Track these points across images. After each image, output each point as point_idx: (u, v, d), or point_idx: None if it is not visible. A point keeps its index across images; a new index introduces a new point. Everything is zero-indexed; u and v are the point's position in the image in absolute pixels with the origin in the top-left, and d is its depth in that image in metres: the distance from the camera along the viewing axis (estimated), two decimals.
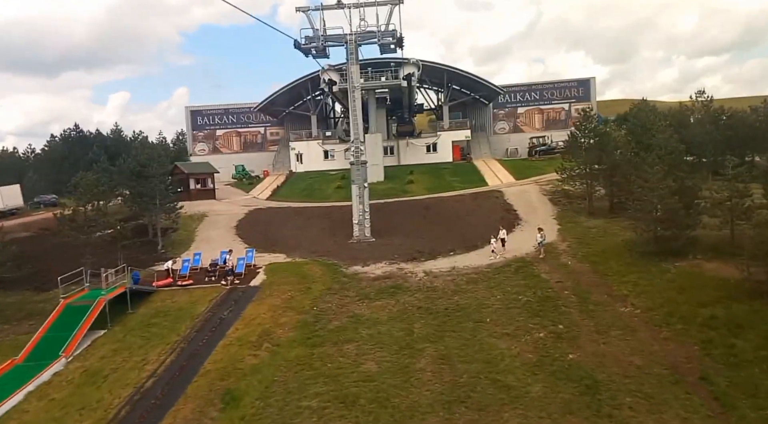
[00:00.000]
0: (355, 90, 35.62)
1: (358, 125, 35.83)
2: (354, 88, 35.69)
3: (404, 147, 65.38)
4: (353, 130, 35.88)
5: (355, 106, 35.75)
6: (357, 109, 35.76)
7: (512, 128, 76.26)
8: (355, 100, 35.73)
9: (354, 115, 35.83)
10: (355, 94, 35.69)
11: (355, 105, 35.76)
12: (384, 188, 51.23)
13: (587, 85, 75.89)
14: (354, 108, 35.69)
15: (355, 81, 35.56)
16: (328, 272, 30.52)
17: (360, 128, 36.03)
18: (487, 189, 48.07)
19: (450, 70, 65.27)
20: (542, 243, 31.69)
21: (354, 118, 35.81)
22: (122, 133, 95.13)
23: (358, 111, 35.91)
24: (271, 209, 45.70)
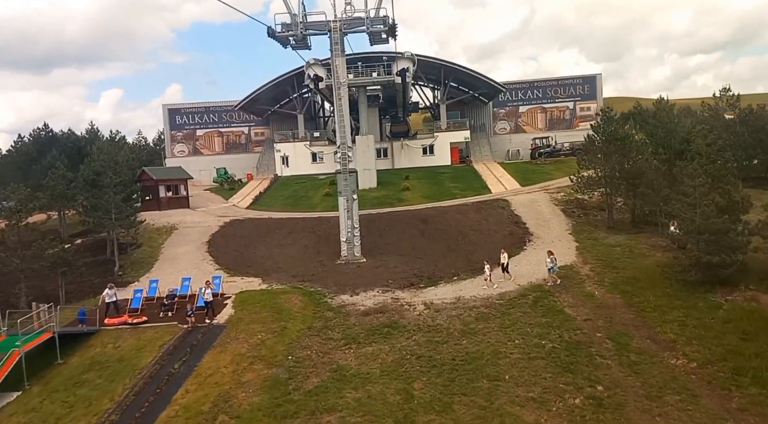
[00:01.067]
0: (342, 87, 30.64)
1: (345, 127, 30.83)
2: (340, 85, 30.71)
3: (398, 149, 60.44)
4: (339, 133, 30.90)
5: (342, 106, 30.77)
6: (344, 108, 30.78)
7: (513, 128, 71.48)
8: (342, 99, 30.75)
9: (340, 116, 30.84)
10: (341, 92, 30.71)
11: (342, 104, 30.78)
12: (377, 196, 46.29)
13: (593, 82, 71.20)
14: (340, 107, 30.72)
15: (341, 76, 30.58)
16: (310, 303, 25.55)
17: (347, 131, 31.05)
18: (491, 197, 43.17)
19: (447, 66, 60.33)
20: (554, 269, 26.77)
21: (340, 119, 30.83)
22: (98, 133, 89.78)
23: (345, 111, 30.91)
24: (250, 221, 40.62)
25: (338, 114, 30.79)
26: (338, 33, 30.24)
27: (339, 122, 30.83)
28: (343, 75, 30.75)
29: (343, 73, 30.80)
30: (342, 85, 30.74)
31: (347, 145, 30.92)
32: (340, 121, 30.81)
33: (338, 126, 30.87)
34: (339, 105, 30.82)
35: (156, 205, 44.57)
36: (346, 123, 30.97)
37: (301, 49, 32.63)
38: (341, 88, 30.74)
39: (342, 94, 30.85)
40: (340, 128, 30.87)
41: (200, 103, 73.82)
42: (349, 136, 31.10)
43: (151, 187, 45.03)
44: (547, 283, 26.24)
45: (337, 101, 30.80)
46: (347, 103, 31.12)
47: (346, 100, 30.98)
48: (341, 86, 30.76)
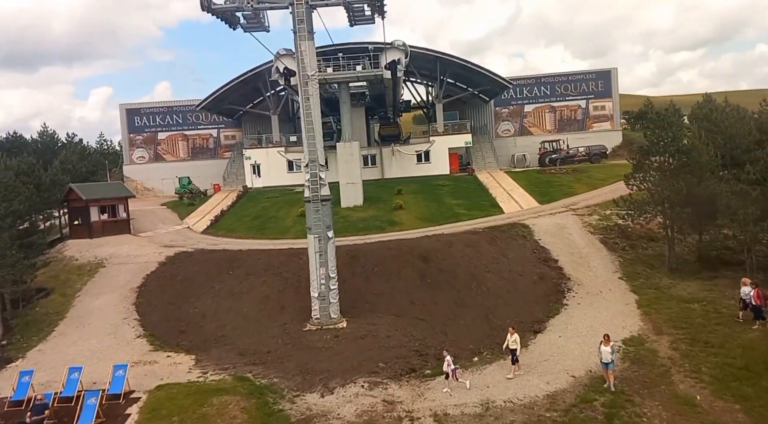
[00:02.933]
0: (310, 81, 21.67)
1: (316, 136, 21.86)
2: (308, 79, 21.73)
3: (389, 156, 51.54)
4: (308, 144, 21.91)
5: (311, 108, 21.79)
6: (313, 111, 21.80)
7: (518, 130, 62.91)
8: (310, 98, 21.78)
9: (309, 122, 21.85)
10: (309, 89, 21.74)
11: (311, 106, 21.80)
12: (363, 217, 37.42)
13: (608, 77, 62.77)
14: (309, 110, 21.75)
15: (308, 67, 21.61)
16: (257, 415, 16.57)
17: (319, 142, 22.06)
18: (506, 221, 34.39)
19: (444, 58, 51.44)
20: (613, 364, 17.45)
21: (309, 125, 21.85)
22: (56, 136, 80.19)
23: (316, 115, 21.92)
24: (201, 255, 31.56)
25: (305, 119, 21.82)
26: (303, 7, 21.33)
27: (307, 130, 21.86)
28: (312, 65, 21.78)
29: (311, 62, 21.82)
30: (311, 80, 21.79)
31: (319, 161, 21.97)
32: (308, 128, 21.84)
33: (306, 135, 21.89)
34: (307, 107, 21.86)
35: (86, 232, 35.42)
36: (317, 130, 22.01)
37: (255, 30, 23.62)
38: (310, 83, 21.77)
39: (311, 91, 21.88)
40: (309, 138, 21.91)
41: (162, 103, 64.55)
42: (321, 150, 22.12)
43: (80, 209, 35.78)
44: (607, 383, 17.24)
45: (305, 102, 21.85)
46: (318, 104, 22.17)
47: (316, 100, 22.03)
48: (310, 81, 21.79)
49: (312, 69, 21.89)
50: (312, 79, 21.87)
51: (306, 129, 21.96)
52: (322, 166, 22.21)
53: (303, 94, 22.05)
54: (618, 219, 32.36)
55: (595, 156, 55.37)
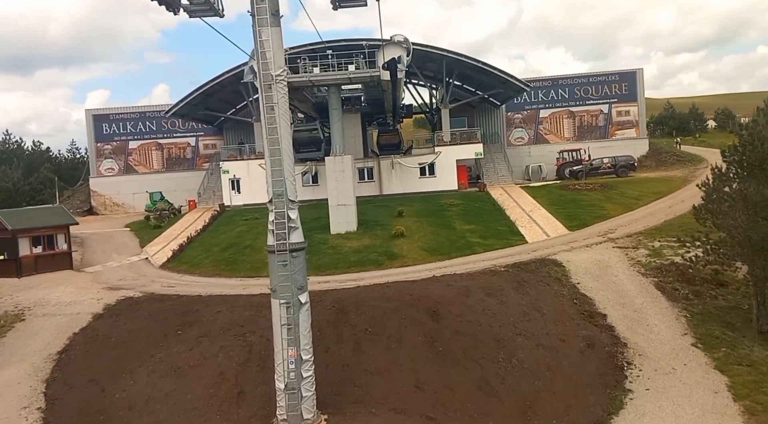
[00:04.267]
0: (275, 84, 15.00)
1: (283, 163, 15.12)
2: (272, 81, 15.06)
3: (388, 169, 44.91)
4: (272, 173, 15.15)
5: (276, 121, 15.11)
6: (279, 126, 15.06)
7: (533, 138, 56.36)
8: (276, 107, 15.08)
9: (272, 141, 15.11)
10: (273, 95, 15.05)
11: (277, 117, 15.12)
12: (356, 249, 30.79)
13: (632, 79, 56.29)
14: (273, 125, 15.07)
15: (272, 64, 14.89)
16: None
17: (287, 169, 15.28)
18: (533, 255, 27.77)
19: (451, 57, 44.84)
20: None
21: (272, 146, 15.12)
22: (22, 144, 73.81)
23: (283, 131, 15.18)
24: (150, 303, 24.87)
25: (268, 136, 15.14)
26: None
27: (270, 153, 15.17)
28: (278, 62, 15.11)
29: (277, 57, 15.14)
30: (276, 82, 15.13)
31: (287, 195, 15.27)
32: (272, 149, 15.15)
33: (269, 159, 15.16)
34: (270, 120, 15.20)
35: (14, 270, 28.73)
36: (284, 153, 15.29)
37: (204, 14, 16.86)
38: (274, 86, 15.12)
39: (276, 98, 15.22)
40: (273, 163, 15.20)
41: (133, 108, 57.87)
42: (291, 180, 15.40)
43: (5, 242, 29.02)
44: None
45: (267, 113, 15.20)
46: (286, 115, 15.45)
47: (284, 110, 15.34)
48: (274, 84, 15.14)
49: (278, 67, 15.26)
50: (278, 82, 15.22)
51: (269, 151, 15.28)
52: (293, 202, 15.49)
53: (264, 103, 15.36)
54: (673, 255, 25.86)
55: (621, 168, 48.84)
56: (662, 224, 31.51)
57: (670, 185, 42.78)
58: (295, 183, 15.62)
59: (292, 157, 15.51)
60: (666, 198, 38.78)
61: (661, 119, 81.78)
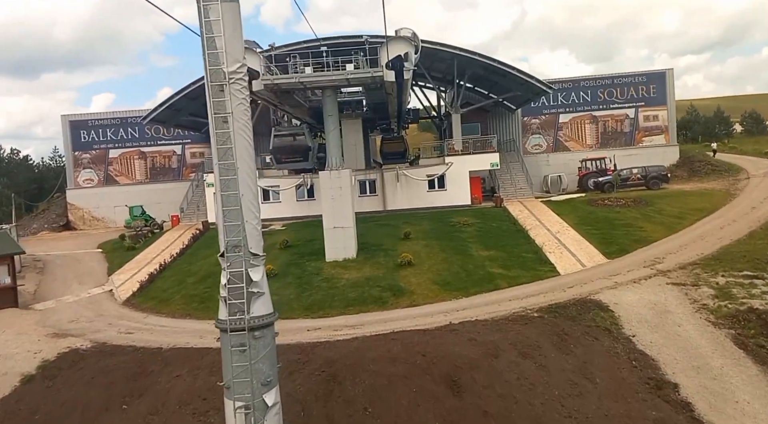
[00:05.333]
0: (229, 86, 10.06)
1: (243, 197, 10.20)
2: (226, 80, 10.05)
3: (392, 181, 40.00)
4: (223, 215, 10.21)
5: (232, 136, 10.16)
6: (235, 145, 10.14)
7: (552, 145, 51.35)
8: (232, 118, 10.16)
9: (225, 168, 10.16)
10: (228, 101, 10.10)
11: (233, 133, 10.20)
12: (355, 282, 25.81)
13: (662, 80, 51.29)
14: (227, 145, 10.16)
15: (225, 55, 9.94)
16: None
17: (250, 203, 10.33)
18: (570, 294, 22.77)
19: (463, 56, 39.89)
20: None
21: (225, 174, 10.18)
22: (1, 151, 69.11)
23: (241, 151, 10.20)
24: (98, 358, 19.96)
25: (219, 161, 10.14)
26: None
27: (222, 184, 10.20)
28: (235, 53, 10.11)
29: (233, 47, 10.13)
30: (230, 83, 10.15)
31: (248, 247, 10.24)
32: (224, 180, 10.19)
33: (220, 194, 10.15)
34: (223, 137, 10.22)
35: None
36: (244, 184, 10.35)
37: None
38: (228, 88, 10.16)
39: (232, 105, 10.24)
40: (227, 198, 10.22)
41: (114, 114, 53.07)
42: (254, 219, 10.40)
43: None
44: None
45: (217, 126, 10.22)
46: (247, 131, 10.42)
47: (244, 124, 10.38)
48: (228, 85, 10.16)
49: (233, 61, 10.27)
50: (233, 82, 10.25)
51: (221, 182, 10.34)
52: (256, 256, 10.54)
53: (213, 112, 10.38)
54: (746, 296, 20.87)
55: (653, 180, 43.81)
56: (719, 252, 26.47)
57: (713, 201, 37.72)
58: (259, 227, 10.66)
59: (255, 188, 10.52)
60: (712, 217, 33.75)
61: (683, 123, 76.60)
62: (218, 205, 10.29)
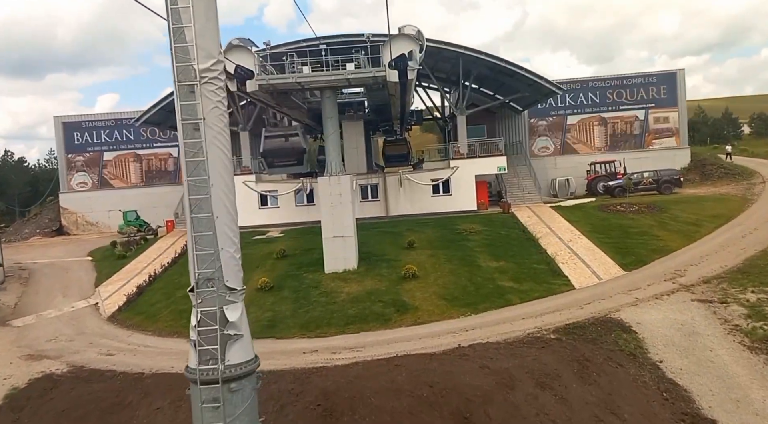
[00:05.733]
0: (202, 86, 8.28)
1: (218, 224, 8.51)
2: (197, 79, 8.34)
3: (395, 186, 38.35)
4: (194, 240, 8.60)
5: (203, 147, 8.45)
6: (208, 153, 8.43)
7: (560, 148, 49.60)
8: (203, 125, 8.44)
9: (196, 186, 8.48)
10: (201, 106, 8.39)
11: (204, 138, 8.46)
12: (355, 296, 24.14)
13: (672, 81, 49.53)
14: (197, 157, 8.44)
15: (196, 49, 8.22)
16: None
17: (226, 231, 8.67)
18: (587, 311, 21.09)
19: (469, 56, 38.20)
20: None
21: (195, 191, 8.50)
22: None
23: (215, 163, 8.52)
24: (75, 381, 18.35)
25: (189, 178, 8.47)
26: None
27: (192, 204, 8.56)
28: (208, 47, 8.44)
29: (206, 38, 8.45)
30: (202, 83, 8.48)
31: (224, 281, 8.59)
32: (195, 199, 8.55)
33: (191, 216, 8.52)
34: (193, 149, 8.54)
35: None
36: (219, 204, 8.70)
37: None
38: (200, 88, 8.47)
39: (204, 111, 8.56)
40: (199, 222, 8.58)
41: (108, 115, 51.46)
42: (231, 246, 8.78)
43: None
44: None
45: (186, 134, 8.55)
46: (224, 139, 8.78)
47: (219, 132, 8.74)
48: (200, 85, 8.48)
49: (206, 56, 8.55)
50: (206, 82, 8.53)
51: (190, 203, 8.66)
52: (234, 291, 8.85)
53: (182, 117, 8.70)
54: None
55: (665, 184, 42.10)
56: (745, 265, 24.78)
57: (729, 206, 36.03)
58: (238, 256, 8.98)
59: (233, 209, 8.83)
60: (731, 224, 32.09)
61: (691, 125, 74.79)
62: (189, 229, 8.57)
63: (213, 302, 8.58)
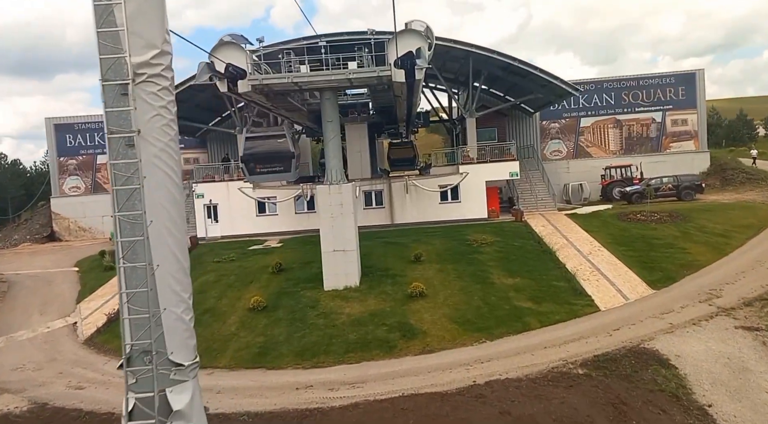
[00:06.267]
0: (138, 86, 6.11)
1: (160, 277, 6.28)
2: (132, 78, 6.13)
3: (401, 192, 36.09)
4: (127, 312, 6.39)
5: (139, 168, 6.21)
6: (143, 174, 6.24)
7: (572, 151, 47.23)
8: (139, 140, 6.23)
9: (129, 222, 6.25)
10: (140, 111, 6.19)
11: (140, 156, 6.24)
12: (357, 318, 21.87)
13: (692, 81, 47.04)
14: (130, 178, 6.19)
15: (126, 35, 6.04)
16: None
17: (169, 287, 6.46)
18: (618, 340, 18.80)
19: (479, 54, 35.89)
20: None
21: (128, 231, 6.26)
22: None
23: (157, 192, 6.33)
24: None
25: (119, 214, 6.31)
26: None
27: (124, 251, 6.38)
28: (149, 34, 6.23)
29: (143, 24, 6.21)
30: (137, 83, 6.21)
31: (168, 354, 6.36)
32: (128, 242, 6.37)
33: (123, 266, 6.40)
34: (124, 170, 6.33)
35: None
36: (162, 250, 6.49)
37: None
38: (139, 89, 6.24)
39: (143, 119, 6.31)
40: (132, 273, 6.36)
41: (101, 116, 49.07)
42: (178, 307, 6.57)
43: None
44: None
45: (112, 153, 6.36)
46: (172, 159, 6.61)
47: (166, 146, 6.55)
48: (134, 85, 6.22)
49: (146, 45, 6.21)
50: (145, 81, 6.20)
51: (122, 247, 6.39)
52: (181, 368, 6.56)
53: (108, 129, 6.47)
54: None
55: (685, 190, 39.73)
56: None
57: (758, 215, 33.62)
58: (188, 318, 6.69)
59: (183, 253, 6.54)
60: (763, 236, 29.74)
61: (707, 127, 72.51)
62: (119, 282, 6.31)
63: (148, 384, 6.29)
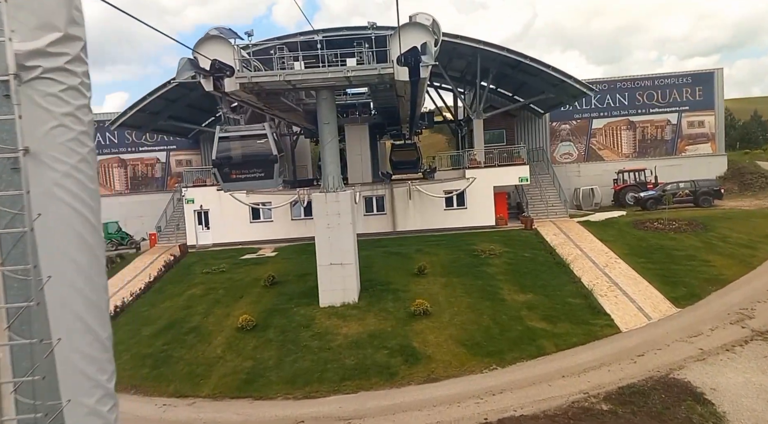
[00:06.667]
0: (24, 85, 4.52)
1: (73, 368, 4.54)
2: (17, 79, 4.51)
3: (404, 198, 34.17)
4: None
5: (26, 192, 4.52)
6: (44, 198, 4.63)
7: (583, 154, 45.25)
8: (25, 154, 4.56)
9: (6, 248, 4.56)
10: (28, 118, 4.52)
11: (25, 177, 4.55)
12: (355, 340, 19.95)
13: (709, 81, 45.06)
14: (15, 203, 4.53)
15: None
16: None
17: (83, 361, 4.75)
18: (644, 369, 16.87)
19: (488, 52, 33.97)
20: None
21: (11, 270, 4.55)
22: None
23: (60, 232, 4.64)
24: None
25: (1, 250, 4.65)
26: None
27: (7, 314, 4.63)
28: (50, 6, 4.53)
29: None
30: (39, 77, 4.46)
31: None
32: (13, 297, 4.59)
33: (3, 322, 4.70)
34: (10, 196, 4.60)
35: None
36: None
37: None
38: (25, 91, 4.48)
39: (47, 128, 4.53)
40: (18, 349, 4.61)
41: None
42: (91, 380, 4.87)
43: None
44: None
45: None
46: (81, 183, 4.95)
47: (69, 168, 4.81)
48: (14, 83, 4.47)
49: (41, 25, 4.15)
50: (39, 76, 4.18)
51: (7, 314, 4.43)
52: None
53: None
54: None
55: (703, 196, 37.77)
56: None
57: None
58: (113, 409, 4.65)
59: (103, 326, 4.51)
60: None
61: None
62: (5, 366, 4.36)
63: None
